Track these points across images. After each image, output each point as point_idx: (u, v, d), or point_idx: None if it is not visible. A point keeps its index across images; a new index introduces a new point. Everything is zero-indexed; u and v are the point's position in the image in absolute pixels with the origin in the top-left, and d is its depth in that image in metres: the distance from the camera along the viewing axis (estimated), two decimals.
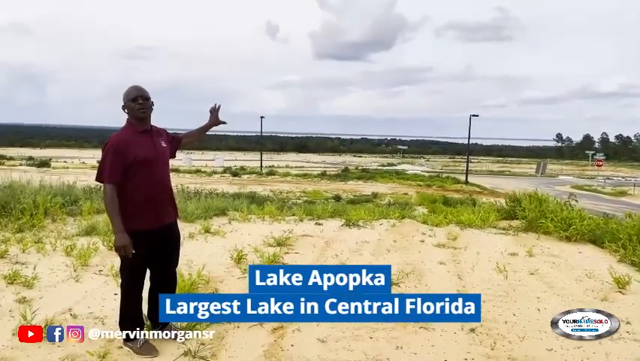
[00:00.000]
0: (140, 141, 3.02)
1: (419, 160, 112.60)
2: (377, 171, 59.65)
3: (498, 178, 59.13)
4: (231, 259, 5.35)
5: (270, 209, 8.82)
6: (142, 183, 2.98)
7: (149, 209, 3.02)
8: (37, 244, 5.59)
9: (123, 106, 3.06)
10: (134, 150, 2.96)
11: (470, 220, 8.35)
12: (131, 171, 2.94)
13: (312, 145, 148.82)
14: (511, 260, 5.93)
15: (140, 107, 3.02)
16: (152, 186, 3.03)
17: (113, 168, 2.91)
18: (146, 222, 3.02)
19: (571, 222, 7.29)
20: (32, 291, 4.16)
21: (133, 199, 2.96)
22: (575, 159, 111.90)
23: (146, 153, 2.99)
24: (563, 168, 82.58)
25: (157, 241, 3.11)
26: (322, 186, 33.57)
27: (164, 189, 3.15)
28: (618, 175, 67.16)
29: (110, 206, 2.91)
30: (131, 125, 3.06)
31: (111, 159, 2.91)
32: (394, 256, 5.99)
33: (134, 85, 3.09)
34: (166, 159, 3.19)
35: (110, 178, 2.91)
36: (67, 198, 7.60)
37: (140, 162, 2.95)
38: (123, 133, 3.03)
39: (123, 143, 2.96)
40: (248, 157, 67.55)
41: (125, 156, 2.92)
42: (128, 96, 3.05)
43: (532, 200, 8.24)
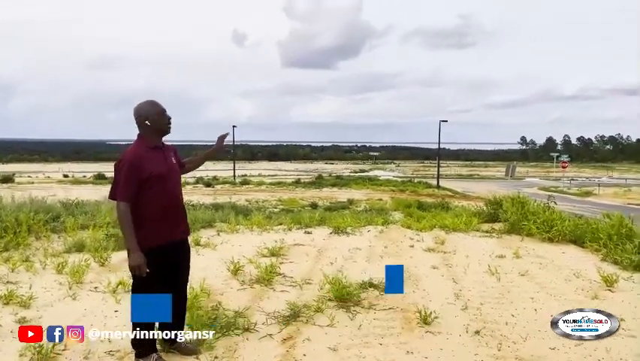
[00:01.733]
0: (153, 157, 2.99)
1: (390, 166, 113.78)
2: (351, 177, 59.96)
3: (468, 182, 60.32)
4: (228, 271, 5.33)
5: (258, 219, 8.80)
6: (155, 198, 2.96)
7: (163, 225, 3.00)
8: (26, 262, 5.44)
9: (145, 119, 3.00)
10: (148, 165, 2.93)
11: (455, 224, 8.52)
12: (145, 187, 2.91)
13: (283, 153, 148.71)
14: (500, 262, 6.08)
15: (168, 121, 3.06)
16: (165, 201, 3.01)
17: (127, 185, 2.88)
18: (159, 238, 2.99)
19: (552, 223, 7.53)
20: (30, 311, 4.05)
21: (146, 215, 2.94)
22: (540, 161, 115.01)
23: (159, 169, 2.98)
24: (529, 171, 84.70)
25: (169, 258, 3.09)
26: (298, 194, 33.53)
27: (177, 204, 3.14)
28: (582, 176, 69.34)
29: (125, 224, 2.88)
30: (143, 140, 3.02)
31: (126, 175, 2.88)
32: (388, 261, 6.05)
33: (151, 100, 3.07)
34: (178, 175, 3.18)
35: (125, 195, 2.88)
36: (49, 215, 7.40)
37: (155, 177, 2.94)
38: (137, 149, 2.98)
39: (138, 159, 2.92)
40: (219, 166, 66.83)
41: (139, 173, 2.89)
42: (155, 109, 3.03)
43: (514, 203, 8.47)
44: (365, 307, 4.34)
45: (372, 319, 4.08)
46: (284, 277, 5.26)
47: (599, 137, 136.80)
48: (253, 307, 4.30)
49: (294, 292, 4.77)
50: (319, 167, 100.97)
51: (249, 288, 4.88)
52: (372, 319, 4.08)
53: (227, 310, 4.16)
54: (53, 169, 75.52)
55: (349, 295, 4.45)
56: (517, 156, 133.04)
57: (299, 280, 5.16)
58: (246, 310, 4.14)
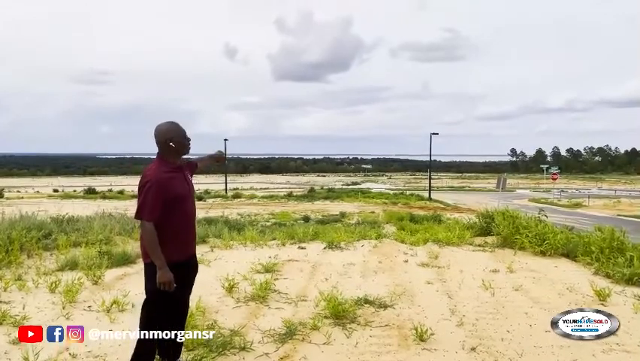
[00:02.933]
0: (176, 177, 3.09)
1: (381, 178, 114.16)
2: (343, 190, 59.99)
3: (459, 194, 60.63)
4: (223, 288, 5.31)
5: (251, 234, 8.79)
6: (177, 218, 3.04)
7: (181, 241, 3.09)
8: (18, 281, 5.38)
9: (169, 140, 3.06)
10: (173, 186, 3.02)
11: (447, 238, 8.56)
12: (169, 206, 2.98)
13: (275, 166, 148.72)
14: (493, 277, 6.12)
15: (189, 144, 3.15)
16: (185, 220, 3.12)
17: (154, 205, 2.93)
18: (178, 254, 3.07)
19: (544, 237, 7.59)
20: None
21: (168, 233, 3.00)
22: (530, 172, 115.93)
23: (182, 190, 3.08)
24: (519, 182, 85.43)
25: (184, 272, 3.15)
26: (290, 208, 33.45)
27: (193, 222, 3.25)
28: (572, 187, 70.02)
29: (153, 243, 2.93)
30: (165, 161, 3.07)
31: (153, 196, 2.93)
32: (382, 277, 6.08)
33: (174, 122, 3.14)
34: (193, 193, 3.30)
35: (152, 216, 2.93)
36: (41, 233, 7.34)
37: (178, 198, 3.03)
38: (161, 169, 3.03)
39: (164, 180, 2.98)
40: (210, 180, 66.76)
41: (165, 193, 2.96)
42: (179, 133, 3.10)
43: (506, 217, 8.53)
44: (361, 324, 4.34)
45: (369, 336, 4.08)
46: (279, 294, 5.25)
47: (588, 148, 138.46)
48: (249, 325, 4.29)
49: (290, 310, 4.76)
50: (311, 179, 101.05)
51: (244, 305, 4.87)
52: (369, 336, 4.08)
53: (222, 328, 4.15)
54: (43, 183, 74.97)
55: (345, 312, 4.45)
56: (508, 167, 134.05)
57: (294, 296, 5.16)
58: (241, 329, 4.13)
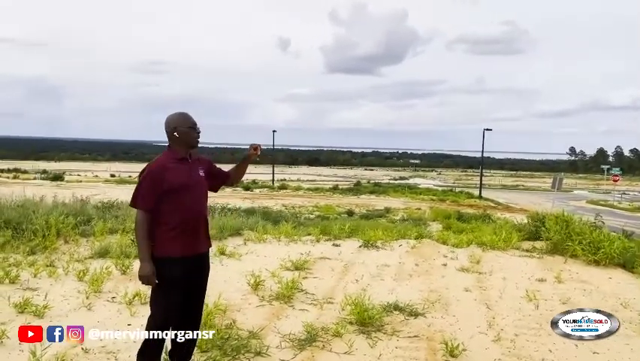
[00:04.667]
0: (177, 167, 2.94)
1: (431, 174, 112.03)
2: (389, 185, 59.25)
3: (512, 193, 58.53)
4: (248, 285, 5.15)
5: (286, 229, 8.61)
6: (174, 210, 2.89)
7: (184, 236, 2.92)
8: (49, 267, 5.43)
9: (173, 130, 2.97)
10: (170, 177, 2.88)
11: (492, 242, 8.07)
12: (165, 198, 2.87)
13: (323, 158, 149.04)
14: (539, 287, 5.67)
15: (197, 135, 3.02)
16: (184, 214, 2.93)
17: (147, 194, 2.86)
18: (180, 249, 2.91)
19: (599, 245, 7.00)
20: (43, 321, 3.96)
21: (163, 226, 2.87)
22: (589, 172, 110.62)
23: (181, 180, 2.92)
24: (577, 183, 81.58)
25: (189, 271, 2.97)
26: (334, 201, 33.32)
27: (200, 217, 3.03)
28: (634, 190, 66.13)
29: (140, 232, 2.85)
30: (171, 151, 2.98)
31: (147, 185, 2.87)
32: (417, 281, 5.75)
33: (183, 112, 3.03)
34: (202, 188, 3.07)
35: (143, 204, 2.86)
36: (79, 218, 7.45)
37: (174, 189, 2.88)
38: (163, 159, 2.96)
39: (160, 169, 2.90)
40: (259, 170, 67.49)
41: (160, 183, 2.86)
42: (185, 122, 2.98)
43: (558, 221, 7.94)
44: (388, 333, 4.06)
45: (394, 347, 3.80)
46: (305, 294, 5.04)
47: None
48: (269, 326, 4.10)
49: (314, 312, 4.54)
50: (358, 173, 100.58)
51: (267, 305, 4.68)
52: (394, 347, 3.80)
53: (241, 329, 3.98)
54: (102, 168, 78.25)
55: (371, 319, 4.17)
56: (566, 166, 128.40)
57: (320, 298, 4.93)
58: (260, 331, 3.94)
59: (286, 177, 66.46)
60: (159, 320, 2.94)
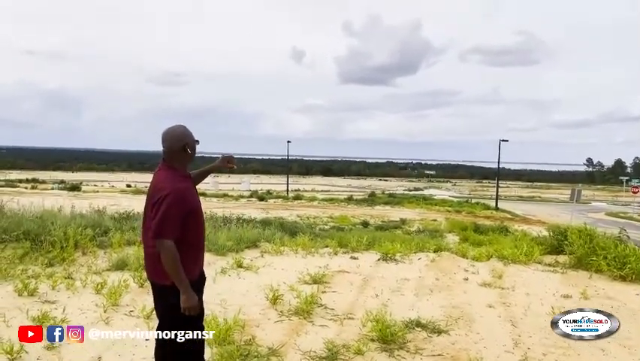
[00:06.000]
0: (190, 188, 2.84)
1: (446, 185, 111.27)
2: (404, 196, 58.88)
3: (529, 204, 57.82)
4: (267, 300, 5.06)
5: (303, 241, 8.53)
6: (195, 231, 2.79)
7: (197, 257, 2.86)
8: (67, 280, 5.40)
9: (185, 146, 2.76)
10: (191, 198, 2.77)
11: (513, 255, 7.90)
12: (187, 221, 2.70)
13: (337, 169, 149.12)
14: (565, 303, 5.49)
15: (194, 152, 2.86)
16: (200, 233, 2.87)
17: (175, 221, 2.63)
18: (198, 270, 2.87)
19: (625, 260, 6.80)
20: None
21: (186, 249, 2.71)
22: (607, 184, 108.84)
23: (197, 201, 2.84)
24: (595, 194, 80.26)
25: (199, 288, 2.90)
26: (349, 212, 33.15)
27: (205, 234, 3.01)
28: None
29: (177, 262, 2.61)
30: (175, 170, 2.77)
31: (175, 211, 2.62)
32: (438, 297, 5.61)
33: (183, 125, 2.82)
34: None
35: (174, 233, 2.63)
36: (97, 230, 7.45)
37: (195, 210, 2.78)
38: (178, 180, 2.73)
39: (182, 192, 2.69)
40: (274, 180, 67.75)
41: (184, 207, 2.68)
42: (192, 137, 2.81)
43: (582, 234, 7.74)
44: (411, 351, 3.94)
45: None
46: (325, 309, 4.94)
47: None
48: (288, 343, 4.01)
49: (334, 328, 4.44)
50: (372, 183, 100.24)
51: (286, 320, 4.60)
52: None
53: (260, 346, 3.89)
54: (118, 179, 79.09)
55: (394, 336, 4.07)
56: (583, 177, 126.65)
57: (340, 313, 4.83)
58: (280, 348, 3.86)
59: (300, 188, 66.46)
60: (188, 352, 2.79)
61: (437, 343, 4.15)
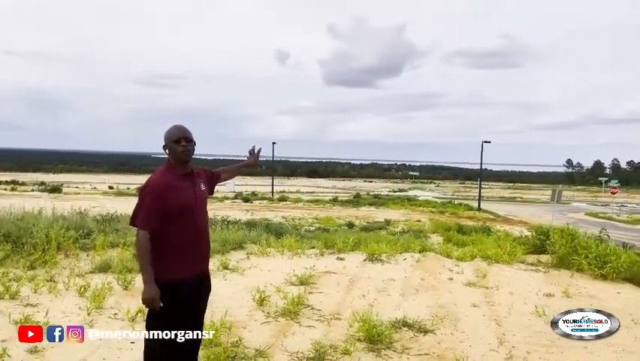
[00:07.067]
0: (181, 186, 2.81)
1: (429, 186, 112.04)
2: (389, 197, 59.15)
3: (510, 205, 58.53)
4: (253, 301, 5.04)
5: (289, 242, 8.52)
6: (182, 230, 2.76)
7: (184, 258, 2.79)
8: (50, 282, 5.33)
9: (164, 146, 2.86)
10: (176, 195, 2.75)
11: (497, 255, 7.99)
12: (171, 217, 2.72)
13: (322, 170, 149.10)
14: (547, 302, 5.57)
15: (183, 149, 2.82)
16: (192, 233, 2.82)
17: (150, 213, 2.69)
18: (179, 271, 2.78)
19: (606, 259, 6.92)
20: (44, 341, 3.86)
21: (168, 247, 2.73)
22: (587, 185, 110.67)
23: (187, 199, 2.80)
24: (575, 195, 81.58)
25: (192, 293, 2.85)
26: (334, 213, 33.18)
27: (203, 235, 2.93)
28: (632, 202, 66.13)
29: (142, 254, 2.68)
30: (171, 167, 2.85)
31: (149, 203, 2.69)
32: (424, 296, 5.65)
33: (176, 125, 2.88)
34: (205, 204, 2.99)
35: (146, 224, 2.68)
36: (80, 232, 7.34)
37: (181, 208, 2.75)
38: (164, 176, 2.80)
39: (164, 187, 2.74)
40: (259, 182, 67.44)
41: (165, 202, 2.70)
42: (170, 137, 2.84)
43: (564, 234, 7.87)
44: (397, 351, 3.96)
45: None
46: (312, 310, 4.94)
47: None
48: (275, 344, 4.00)
49: (321, 329, 4.44)
50: (357, 185, 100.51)
51: (273, 321, 4.58)
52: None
53: (247, 347, 3.88)
54: (100, 180, 78.10)
55: (380, 336, 4.08)
56: (563, 178, 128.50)
57: (327, 314, 4.83)
58: (267, 349, 3.85)
59: (285, 189, 66.38)
60: (157, 349, 2.77)
61: (423, 342, 4.17)
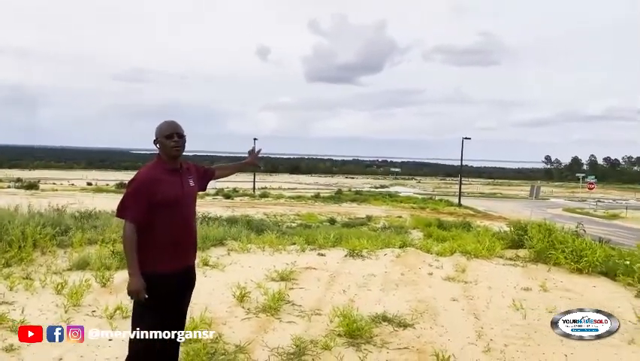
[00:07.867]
0: (170, 180, 2.83)
1: (411, 182, 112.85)
2: (370, 193, 59.47)
3: (490, 200, 59.33)
4: (233, 297, 5.02)
5: (270, 238, 8.50)
6: (167, 224, 2.78)
7: (172, 251, 2.81)
8: (26, 280, 5.23)
9: (155, 141, 2.88)
10: (163, 189, 2.77)
11: (476, 250, 8.09)
12: (157, 211, 2.74)
13: (304, 166, 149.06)
14: (525, 296, 5.67)
15: (174, 144, 2.84)
16: (178, 227, 2.83)
17: (137, 206, 2.72)
18: (171, 264, 2.81)
19: (582, 253, 7.06)
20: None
21: (154, 240, 2.76)
22: (565, 181, 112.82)
23: (174, 193, 2.81)
24: (553, 191, 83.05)
25: (177, 286, 2.88)
26: (316, 209, 33.24)
27: (189, 230, 2.95)
28: (609, 198, 67.62)
29: (128, 246, 2.72)
30: (160, 161, 2.88)
31: (136, 196, 2.74)
32: (404, 291, 5.70)
33: (167, 120, 2.91)
34: (193, 200, 3.00)
35: (133, 216, 2.72)
36: (57, 229, 7.22)
37: (167, 202, 2.77)
38: (152, 170, 2.84)
39: (151, 181, 2.77)
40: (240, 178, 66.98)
41: (152, 195, 2.73)
42: (161, 132, 2.86)
43: (541, 229, 8.01)
44: (377, 345, 3.99)
45: (385, 360, 3.73)
46: (292, 306, 4.94)
47: (627, 158, 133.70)
48: (256, 340, 4.00)
49: (302, 324, 4.45)
50: (339, 181, 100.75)
51: (254, 317, 4.57)
52: (385, 360, 3.73)
53: (227, 343, 3.87)
54: (78, 176, 76.85)
55: (360, 331, 4.11)
56: (542, 175, 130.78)
57: (308, 309, 4.84)
58: (247, 345, 3.84)
59: (267, 186, 66.18)
60: (143, 341, 2.77)
61: (403, 336, 4.21)
